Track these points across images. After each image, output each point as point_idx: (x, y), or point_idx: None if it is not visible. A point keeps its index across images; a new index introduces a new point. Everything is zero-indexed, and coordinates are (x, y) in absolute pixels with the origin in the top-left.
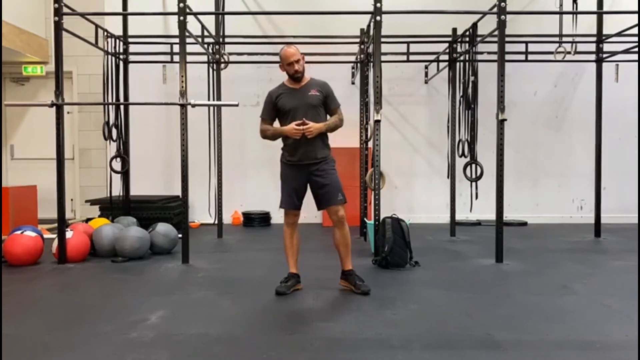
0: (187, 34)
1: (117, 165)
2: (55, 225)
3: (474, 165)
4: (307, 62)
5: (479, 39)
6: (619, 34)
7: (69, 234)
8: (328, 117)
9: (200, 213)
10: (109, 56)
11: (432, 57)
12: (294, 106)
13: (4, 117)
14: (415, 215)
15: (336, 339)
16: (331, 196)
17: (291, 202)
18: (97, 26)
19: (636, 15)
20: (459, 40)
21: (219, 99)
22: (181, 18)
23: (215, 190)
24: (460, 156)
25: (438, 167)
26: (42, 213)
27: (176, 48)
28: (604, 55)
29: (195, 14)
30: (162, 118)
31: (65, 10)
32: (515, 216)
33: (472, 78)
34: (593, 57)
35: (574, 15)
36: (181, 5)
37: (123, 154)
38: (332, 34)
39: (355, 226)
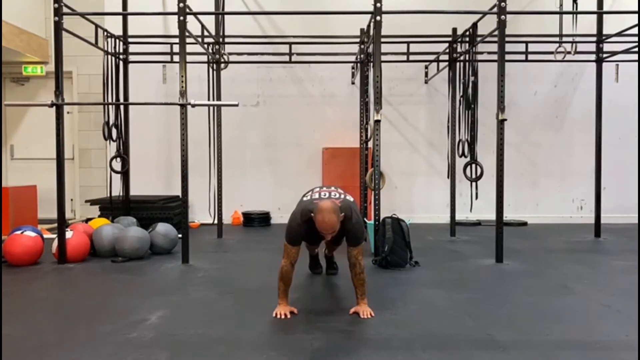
0: (187, 34)
1: (117, 165)
2: (55, 225)
3: (474, 165)
4: (307, 62)
5: (479, 39)
6: (619, 34)
7: (69, 234)
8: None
9: (200, 213)
10: (109, 56)
11: (432, 57)
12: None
13: (4, 117)
14: (415, 215)
15: (336, 339)
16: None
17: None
18: (97, 26)
19: (636, 15)
20: (459, 40)
21: (219, 99)
22: (181, 18)
23: (215, 190)
24: (460, 156)
25: (438, 167)
26: (42, 213)
27: (176, 48)
28: (604, 55)
29: (195, 14)
30: (162, 118)
31: (65, 10)
32: (515, 216)
33: (472, 78)
34: (593, 57)
35: (574, 15)
36: (181, 5)
37: (123, 154)
38: (332, 34)
39: None
